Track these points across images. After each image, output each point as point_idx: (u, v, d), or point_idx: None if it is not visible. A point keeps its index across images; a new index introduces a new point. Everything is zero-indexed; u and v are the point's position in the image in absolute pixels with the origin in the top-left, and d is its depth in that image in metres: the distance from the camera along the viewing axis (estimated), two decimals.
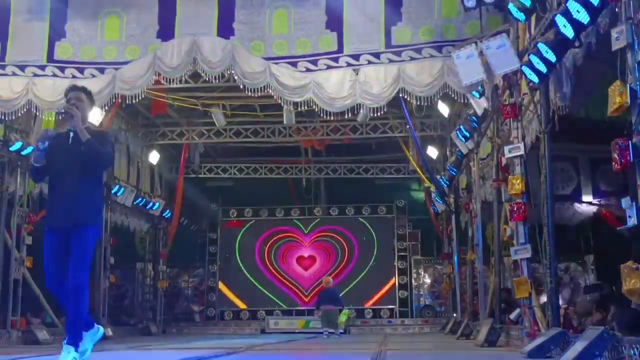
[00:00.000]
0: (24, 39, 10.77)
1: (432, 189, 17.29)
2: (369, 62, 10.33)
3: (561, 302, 11.32)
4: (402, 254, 21.74)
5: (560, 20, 6.40)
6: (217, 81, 11.24)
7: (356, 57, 10.37)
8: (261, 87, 10.63)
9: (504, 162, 9.50)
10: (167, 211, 19.58)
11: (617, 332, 5.53)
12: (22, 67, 10.76)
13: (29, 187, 12.77)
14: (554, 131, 7.73)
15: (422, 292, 21.82)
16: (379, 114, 11.29)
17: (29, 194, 12.98)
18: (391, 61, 10.25)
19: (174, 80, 11.05)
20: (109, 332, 14.91)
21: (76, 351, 5.06)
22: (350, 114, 11.67)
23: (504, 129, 9.89)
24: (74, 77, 10.66)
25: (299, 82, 10.50)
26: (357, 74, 10.36)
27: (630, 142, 5.11)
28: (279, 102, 11.14)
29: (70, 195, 5.38)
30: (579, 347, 5.21)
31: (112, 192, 16.25)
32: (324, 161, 21.33)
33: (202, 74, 11.02)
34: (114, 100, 11.06)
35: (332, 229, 22.26)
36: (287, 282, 21.94)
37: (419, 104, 11.19)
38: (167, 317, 20.38)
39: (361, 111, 12.99)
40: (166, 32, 10.72)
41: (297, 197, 22.84)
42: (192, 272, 22.65)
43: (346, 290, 20.82)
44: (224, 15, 10.69)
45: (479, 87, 9.88)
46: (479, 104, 11.00)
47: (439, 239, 20.03)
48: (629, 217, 5.12)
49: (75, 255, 5.32)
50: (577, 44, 6.60)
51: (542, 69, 7.31)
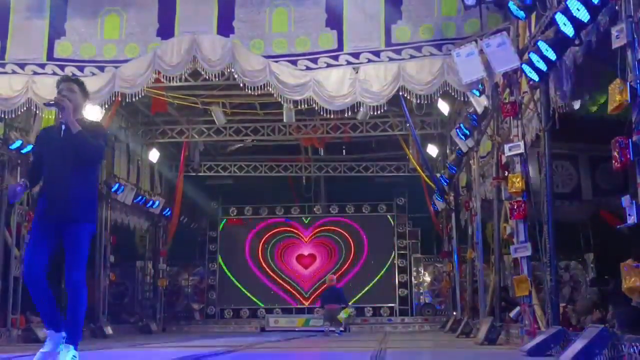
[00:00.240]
0: (24, 37, 10.77)
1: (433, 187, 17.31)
2: (369, 61, 10.33)
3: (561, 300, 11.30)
4: (402, 252, 21.77)
5: (560, 18, 6.39)
6: (217, 79, 11.26)
7: (356, 55, 10.36)
8: (261, 86, 10.63)
9: (504, 160, 9.49)
10: (167, 209, 19.60)
11: (617, 330, 5.53)
12: (22, 65, 10.76)
13: None
14: (554, 129, 7.72)
15: (422, 291, 21.84)
16: (379, 112, 11.27)
17: (29, 193, 12.96)
18: (391, 59, 10.25)
19: (173, 78, 11.03)
20: (109, 331, 14.96)
21: (75, 349, 5.04)
22: (350, 112, 11.65)
23: (504, 127, 9.89)
24: (73, 75, 10.65)
25: (298, 80, 10.50)
26: (357, 72, 10.36)
27: (630, 140, 5.12)
28: (279, 100, 11.15)
29: (63, 188, 5.19)
30: (578, 345, 5.22)
31: (112, 190, 16.25)
32: (323, 159, 21.32)
33: (202, 72, 11.04)
34: (114, 98, 11.07)
35: (332, 227, 22.28)
36: (287, 280, 21.95)
37: (419, 102, 11.20)
38: (167, 315, 20.37)
39: (361, 109, 13.00)
40: (166, 30, 10.72)
41: (297, 196, 22.87)
42: (192, 270, 22.68)
43: (346, 288, 20.83)
44: (224, 13, 10.69)
45: (479, 85, 9.88)
46: (479, 102, 11.00)
47: (438, 237, 20.04)
48: (629, 215, 5.12)
49: (71, 254, 5.18)
50: (577, 42, 6.59)
51: (542, 67, 7.31)
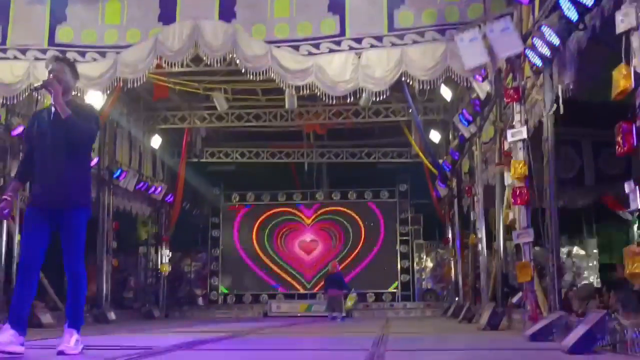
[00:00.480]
0: (25, 22, 10.72)
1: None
2: (372, 46, 10.26)
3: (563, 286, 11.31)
4: (405, 238, 21.81)
5: (564, 2, 6.35)
6: (219, 65, 11.21)
7: (358, 40, 10.29)
8: (263, 71, 10.58)
9: (506, 146, 9.46)
10: (169, 195, 19.61)
11: (620, 316, 5.53)
12: (23, 51, 10.71)
13: None
14: (557, 115, 7.69)
15: (424, 276, 21.91)
16: (381, 98, 11.24)
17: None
18: (394, 45, 10.18)
19: (175, 64, 10.99)
20: (112, 316, 15.02)
21: (78, 333, 5.06)
22: (352, 98, 11.62)
23: (507, 112, 9.85)
24: (75, 60, 10.58)
25: (301, 65, 10.44)
26: (359, 58, 10.30)
27: (634, 125, 5.09)
28: (281, 86, 11.10)
29: (56, 173, 5.10)
30: (581, 330, 5.21)
31: (114, 176, 16.26)
32: (326, 145, 21.30)
33: (204, 58, 10.97)
34: (116, 84, 11.03)
35: (334, 213, 22.30)
36: (289, 266, 22.00)
37: (421, 87, 11.14)
38: (169, 301, 20.46)
39: (363, 95, 12.93)
40: (167, 15, 10.64)
41: (299, 182, 22.85)
42: (195, 256, 22.74)
43: (348, 273, 20.90)
44: None
45: (482, 71, 9.83)
46: (482, 88, 10.96)
47: (441, 223, 20.04)
48: (632, 200, 5.11)
49: (69, 242, 5.14)
50: (581, 26, 6.55)
51: (546, 52, 7.28)
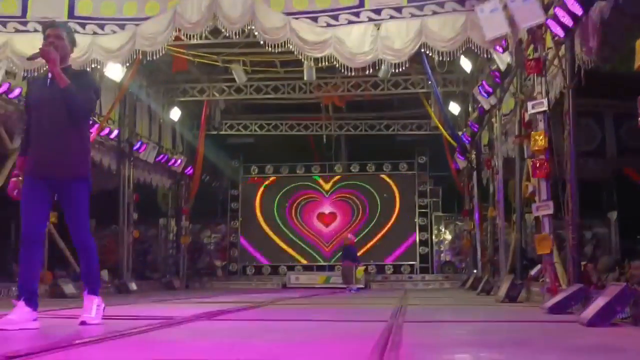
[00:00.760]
0: None
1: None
2: (391, 17, 10.19)
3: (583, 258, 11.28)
4: (423, 210, 21.80)
5: None
6: (237, 37, 11.20)
7: (378, 11, 10.22)
8: (281, 43, 10.57)
9: (527, 118, 9.38)
10: (189, 168, 19.74)
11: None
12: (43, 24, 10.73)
13: None
14: (578, 86, 7.60)
15: (442, 249, 21.94)
16: (400, 70, 11.18)
17: None
18: (413, 15, 10.10)
19: (194, 36, 10.99)
20: (133, 287, 15.24)
21: (98, 297, 5.10)
22: (371, 70, 11.56)
23: (528, 84, 9.76)
24: (95, 33, 10.66)
25: (319, 37, 10.40)
26: (378, 29, 10.23)
27: None
28: (300, 57, 11.07)
29: (55, 143, 4.92)
30: (600, 302, 5.20)
31: (134, 148, 16.37)
32: (344, 117, 21.26)
33: (223, 30, 10.95)
34: (135, 56, 11.05)
35: (353, 185, 22.32)
36: (308, 238, 22.11)
37: (441, 59, 11.06)
38: (190, 272, 20.72)
39: (382, 67, 12.86)
40: None
41: (317, 154, 22.89)
42: (214, 228, 22.93)
43: (367, 246, 21.00)
44: None
45: (503, 42, 9.72)
46: (502, 59, 10.84)
47: (460, 195, 20.02)
48: None
49: (72, 214, 5.03)
50: None
51: (568, 22, 7.17)
